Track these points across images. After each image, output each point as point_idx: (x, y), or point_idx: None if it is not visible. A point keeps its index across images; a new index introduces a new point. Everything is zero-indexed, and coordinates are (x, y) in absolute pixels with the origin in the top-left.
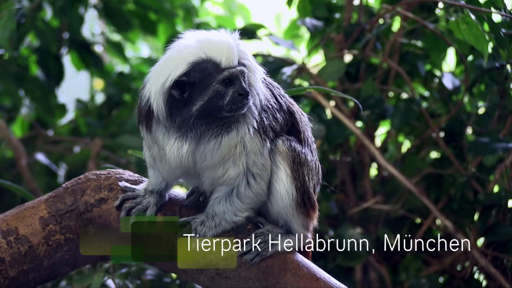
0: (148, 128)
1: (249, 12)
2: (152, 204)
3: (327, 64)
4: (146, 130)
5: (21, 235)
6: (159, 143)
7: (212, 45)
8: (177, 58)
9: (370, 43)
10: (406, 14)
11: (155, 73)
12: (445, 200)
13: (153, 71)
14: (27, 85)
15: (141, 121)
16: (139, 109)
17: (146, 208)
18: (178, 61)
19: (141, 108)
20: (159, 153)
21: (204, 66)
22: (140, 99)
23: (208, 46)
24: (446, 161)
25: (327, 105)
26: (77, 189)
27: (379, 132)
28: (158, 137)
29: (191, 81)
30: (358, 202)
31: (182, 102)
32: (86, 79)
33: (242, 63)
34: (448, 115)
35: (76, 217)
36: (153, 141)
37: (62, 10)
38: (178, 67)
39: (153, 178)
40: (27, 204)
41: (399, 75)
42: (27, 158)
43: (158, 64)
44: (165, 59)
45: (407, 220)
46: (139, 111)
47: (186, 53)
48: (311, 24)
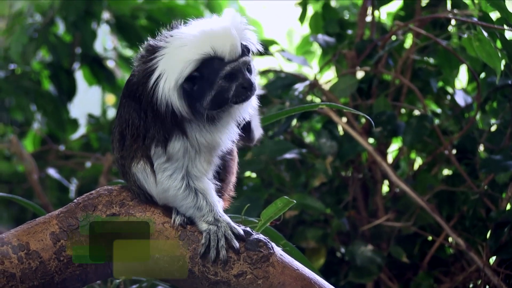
0: (183, 133)
1: (261, 27)
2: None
3: (339, 80)
4: (182, 136)
5: (32, 251)
6: (202, 141)
7: (216, 39)
8: (186, 54)
9: (382, 59)
10: (419, 30)
11: (165, 70)
12: (457, 217)
13: (161, 67)
14: (39, 99)
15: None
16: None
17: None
18: (189, 57)
19: (162, 116)
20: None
21: (210, 61)
22: (154, 109)
23: (213, 39)
24: (458, 178)
25: (339, 122)
26: (88, 204)
27: (391, 148)
28: (196, 137)
29: (200, 75)
30: (370, 219)
31: (193, 96)
32: (98, 94)
33: (247, 48)
34: (461, 132)
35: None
36: (192, 145)
37: (74, 25)
38: (189, 64)
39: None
40: (38, 219)
41: (411, 92)
42: (39, 173)
43: (165, 60)
44: (172, 54)
45: (419, 237)
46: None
47: (194, 48)
48: (323, 40)
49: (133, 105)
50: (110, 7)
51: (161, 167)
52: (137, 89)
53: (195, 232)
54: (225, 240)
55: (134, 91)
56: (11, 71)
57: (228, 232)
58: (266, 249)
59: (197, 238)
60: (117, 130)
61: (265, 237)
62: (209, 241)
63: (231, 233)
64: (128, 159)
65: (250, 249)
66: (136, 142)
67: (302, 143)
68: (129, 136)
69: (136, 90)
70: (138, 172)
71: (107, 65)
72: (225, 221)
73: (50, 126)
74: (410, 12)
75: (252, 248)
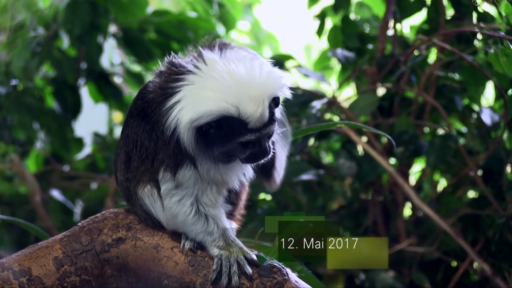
0: (193, 164)
1: (277, 41)
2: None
3: (359, 98)
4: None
5: (34, 276)
6: (211, 177)
7: (247, 102)
8: (211, 101)
9: (404, 75)
10: (443, 45)
11: (186, 100)
12: (483, 242)
13: (183, 95)
14: (43, 117)
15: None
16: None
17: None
18: (212, 107)
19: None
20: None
21: (232, 119)
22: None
23: (243, 101)
24: (484, 201)
25: (358, 141)
26: (93, 228)
27: (414, 170)
28: (205, 172)
29: (218, 126)
30: (391, 244)
31: (204, 139)
32: (104, 111)
33: (273, 118)
34: (487, 152)
35: (92, 258)
36: (202, 177)
37: (79, 39)
38: (210, 114)
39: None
40: (41, 244)
41: (435, 110)
42: (42, 194)
43: (189, 90)
44: (198, 89)
45: (442, 263)
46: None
47: (221, 101)
48: (342, 55)
49: (142, 125)
50: (117, 20)
51: (169, 193)
52: (150, 106)
53: (205, 257)
54: (237, 266)
55: (147, 108)
56: (13, 87)
57: (241, 257)
58: (280, 275)
59: (208, 264)
60: (123, 151)
61: (280, 263)
62: (220, 266)
63: (243, 258)
64: (133, 181)
65: (264, 275)
66: (143, 164)
67: (319, 164)
68: (137, 158)
69: (149, 107)
70: (145, 196)
71: (114, 81)
72: (237, 246)
73: (54, 145)
74: (434, 25)
75: (265, 274)
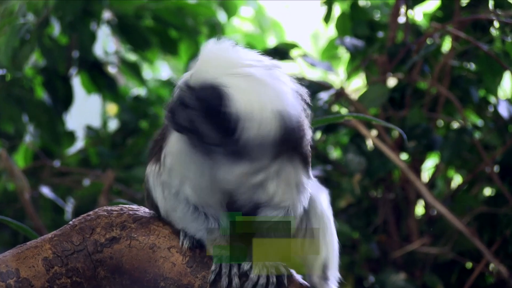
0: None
1: (282, 29)
2: None
3: (368, 89)
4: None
5: (22, 278)
6: None
7: None
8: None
9: (417, 65)
10: (458, 33)
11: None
12: (500, 242)
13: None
14: (32, 109)
15: None
16: None
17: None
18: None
19: None
20: None
21: None
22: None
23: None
24: (501, 198)
25: (368, 135)
26: (85, 227)
27: (427, 165)
28: None
29: None
30: (402, 244)
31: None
32: (97, 103)
33: None
34: (504, 147)
35: (84, 258)
36: None
37: (71, 26)
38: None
39: None
40: (30, 243)
41: (449, 102)
42: (31, 191)
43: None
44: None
45: (457, 264)
46: None
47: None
48: (351, 43)
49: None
50: (111, 6)
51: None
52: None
53: (204, 258)
54: (238, 267)
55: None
56: (1, 78)
57: None
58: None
59: (207, 265)
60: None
61: (283, 263)
62: (220, 267)
63: None
64: (148, 162)
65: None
66: (157, 143)
67: (326, 159)
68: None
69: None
70: (150, 174)
71: (108, 70)
72: None
73: (44, 139)
74: (448, 12)
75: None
